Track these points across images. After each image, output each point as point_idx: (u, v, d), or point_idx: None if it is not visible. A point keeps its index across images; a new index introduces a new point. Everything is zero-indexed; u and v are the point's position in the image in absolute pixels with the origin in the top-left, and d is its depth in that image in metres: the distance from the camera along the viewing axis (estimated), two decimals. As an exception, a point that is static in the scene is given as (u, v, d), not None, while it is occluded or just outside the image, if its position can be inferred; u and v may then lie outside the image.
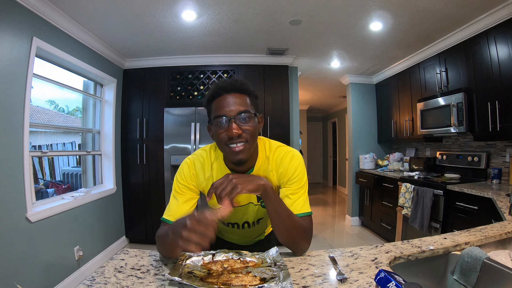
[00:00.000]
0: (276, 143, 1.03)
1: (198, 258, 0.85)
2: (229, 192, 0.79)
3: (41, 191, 2.67)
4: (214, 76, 3.62)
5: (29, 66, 2.08)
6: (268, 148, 1.01)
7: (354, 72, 4.36)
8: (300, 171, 0.97)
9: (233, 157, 0.89)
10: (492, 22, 2.37)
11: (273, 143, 1.03)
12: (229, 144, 0.87)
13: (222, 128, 0.87)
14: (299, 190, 0.95)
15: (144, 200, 3.58)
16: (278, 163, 0.98)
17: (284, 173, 0.97)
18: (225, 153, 0.92)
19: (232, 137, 0.85)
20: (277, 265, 0.80)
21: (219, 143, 0.91)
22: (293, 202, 0.93)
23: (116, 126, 3.50)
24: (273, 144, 1.03)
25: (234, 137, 0.85)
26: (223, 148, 0.90)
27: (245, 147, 0.88)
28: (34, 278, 2.05)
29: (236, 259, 0.85)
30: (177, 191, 0.98)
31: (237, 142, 0.86)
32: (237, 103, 0.87)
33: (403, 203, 3.02)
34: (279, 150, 1.00)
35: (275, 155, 0.99)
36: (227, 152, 0.90)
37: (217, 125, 0.88)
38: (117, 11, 2.40)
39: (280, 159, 0.98)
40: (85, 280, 0.73)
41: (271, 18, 2.60)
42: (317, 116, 9.32)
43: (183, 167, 1.00)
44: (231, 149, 0.88)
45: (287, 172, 0.96)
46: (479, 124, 2.53)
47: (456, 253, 0.93)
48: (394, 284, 0.56)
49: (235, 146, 0.87)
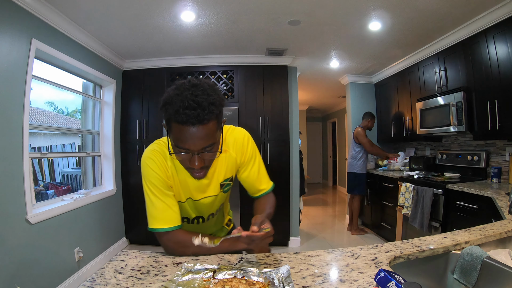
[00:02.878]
0: (226, 129, 1.04)
1: (198, 276, 0.75)
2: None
3: (41, 193, 2.67)
4: (214, 76, 3.62)
5: (28, 67, 2.08)
6: (224, 138, 1.01)
7: (353, 72, 4.37)
8: (253, 146, 1.06)
9: (193, 177, 0.93)
10: (491, 21, 2.37)
11: (228, 130, 1.05)
12: (189, 170, 0.89)
13: (184, 157, 0.83)
14: (258, 163, 1.07)
15: (144, 201, 3.56)
16: (240, 148, 1.03)
17: (244, 153, 1.04)
18: (185, 169, 0.92)
19: (193, 168, 0.85)
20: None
21: (179, 161, 0.89)
22: (259, 177, 1.07)
23: (116, 127, 3.50)
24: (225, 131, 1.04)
25: (196, 168, 0.85)
26: (184, 166, 0.90)
27: (205, 172, 0.90)
28: (35, 279, 2.05)
29: (240, 277, 0.74)
30: (159, 192, 0.92)
31: (198, 171, 0.87)
32: (202, 137, 0.78)
33: (403, 203, 3.02)
34: (231, 134, 1.04)
35: (230, 139, 1.03)
36: (188, 171, 0.92)
37: (178, 151, 0.82)
38: (116, 13, 2.41)
39: (236, 141, 1.03)
40: (85, 281, 0.73)
41: (270, 18, 2.60)
42: (317, 116, 9.33)
43: (147, 163, 0.93)
44: (191, 172, 0.90)
45: (246, 152, 1.04)
46: (479, 123, 2.53)
47: (456, 252, 0.93)
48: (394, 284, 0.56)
49: (196, 173, 0.88)
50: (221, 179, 1.03)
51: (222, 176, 1.03)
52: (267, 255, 0.91)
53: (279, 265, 0.82)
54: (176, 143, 0.81)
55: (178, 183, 0.98)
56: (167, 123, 0.82)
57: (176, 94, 0.78)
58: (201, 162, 0.83)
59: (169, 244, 0.92)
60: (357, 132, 3.91)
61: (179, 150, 0.82)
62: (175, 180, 0.97)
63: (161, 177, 0.92)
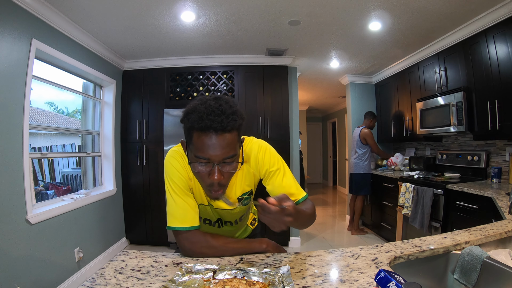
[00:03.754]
0: (244, 143, 1.00)
1: (198, 276, 0.75)
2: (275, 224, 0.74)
3: (41, 193, 2.67)
4: (214, 77, 3.62)
5: (28, 68, 2.08)
6: (245, 151, 0.99)
7: (353, 72, 4.37)
8: (273, 158, 0.99)
9: (209, 196, 0.93)
10: (491, 21, 2.37)
11: (246, 142, 1.01)
12: (208, 188, 0.87)
13: (203, 169, 0.82)
14: (284, 174, 0.98)
15: (144, 201, 3.57)
16: (256, 162, 0.99)
17: (261, 167, 0.98)
18: (202, 187, 0.93)
19: (213, 183, 0.84)
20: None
21: (197, 176, 0.89)
22: (285, 188, 0.96)
23: (116, 127, 3.50)
24: (246, 144, 1.00)
25: (214, 184, 0.84)
26: (201, 184, 0.91)
27: (222, 191, 0.88)
28: (35, 279, 2.05)
29: (240, 277, 0.74)
30: (180, 191, 0.92)
31: (216, 189, 0.86)
32: (224, 146, 0.78)
33: (403, 203, 3.02)
34: (248, 148, 0.99)
35: (247, 154, 0.99)
36: (204, 189, 0.92)
37: (197, 162, 0.82)
38: (116, 13, 2.41)
39: (250, 156, 0.99)
40: (86, 281, 0.73)
41: (270, 18, 2.60)
42: (317, 116, 9.33)
43: (172, 163, 0.94)
44: (208, 191, 0.89)
45: (263, 165, 0.98)
46: (479, 123, 2.53)
47: (456, 252, 0.92)
48: (394, 284, 0.56)
49: (213, 191, 0.87)
50: (239, 193, 1.01)
51: (240, 191, 1.01)
52: (267, 255, 0.91)
53: (279, 265, 0.82)
54: (196, 153, 0.80)
55: (199, 186, 0.98)
56: (188, 133, 0.82)
57: (200, 104, 0.80)
58: (220, 175, 0.82)
59: (185, 243, 0.91)
60: (365, 134, 3.90)
61: (198, 160, 0.80)
62: (196, 183, 0.97)
63: (184, 177, 0.93)
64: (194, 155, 0.81)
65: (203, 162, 0.81)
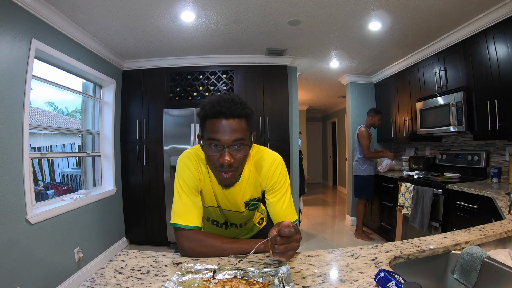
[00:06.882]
0: (259, 151, 1.05)
1: (198, 276, 0.75)
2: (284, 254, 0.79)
3: (41, 193, 2.67)
4: (214, 76, 3.62)
5: (28, 67, 2.08)
6: (253, 158, 1.04)
7: (353, 72, 4.37)
8: (283, 174, 1.02)
9: (220, 181, 0.95)
10: (491, 21, 2.37)
11: (257, 151, 1.05)
12: (218, 169, 0.91)
13: (215, 152, 0.89)
14: (285, 194, 1.01)
15: (144, 201, 3.57)
16: (263, 171, 1.02)
17: (269, 179, 1.01)
18: (214, 174, 0.96)
19: (223, 164, 0.88)
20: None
21: (209, 163, 0.94)
22: (284, 208, 1.00)
23: (116, 127, 3.50)
24: (257, 152, 1.05)
25: (225, 165, 0.89)
26: (212, 169, 0.94)
27: (232, 175, 0.93)
28: (34, 279, 2.05)
29: (240, 277, 0.74)
30: (188, 191, 0.96)
31: (227, 170, 0.91)
32: (233, 130, 0.87)
33: (403, 203, 3.02)
34: (261, 157, 1.03)
35: (260, 163, 1.03)
36: (216, 175, 0.95)
37: (210, 147, 0.89)
38: (115, 13, 2.41)
39: (262, 166, 1.02)
40: (85, 281, 0.73)
41: (270, 18, 2.60)
42: (317, 116, 9.33)
43: (185, 162, 0.98)
44: (220, 174, 0.92)
45: (272, 178, 1.01)
46: (479, 123, 2.53)
47: (456, 252, 0.93)
48: (394, 284, 0.56)
49: (224, 174, 0.91)
50: (247, 197, 1.05)
51: (248, 195, 1.05)
52: (267, 255, 0.91)
53: (279, 265, 0.82)
54: (209, 134, 0.88)
55: (210, 188, 1.01)
56: (202, 122, 0.91)
57: (213, 97, 0.91)
58: (230, 158, 0.88)
59: (185, 241, 0.92)
60: (360, 132, 3.73)
61: (211, 143, 0.88)
62: (206, 185, 1.01)
63: (194, 178, 0.97)
64: (207, 138, 0.89)
65: (215, 143, 0.87)
